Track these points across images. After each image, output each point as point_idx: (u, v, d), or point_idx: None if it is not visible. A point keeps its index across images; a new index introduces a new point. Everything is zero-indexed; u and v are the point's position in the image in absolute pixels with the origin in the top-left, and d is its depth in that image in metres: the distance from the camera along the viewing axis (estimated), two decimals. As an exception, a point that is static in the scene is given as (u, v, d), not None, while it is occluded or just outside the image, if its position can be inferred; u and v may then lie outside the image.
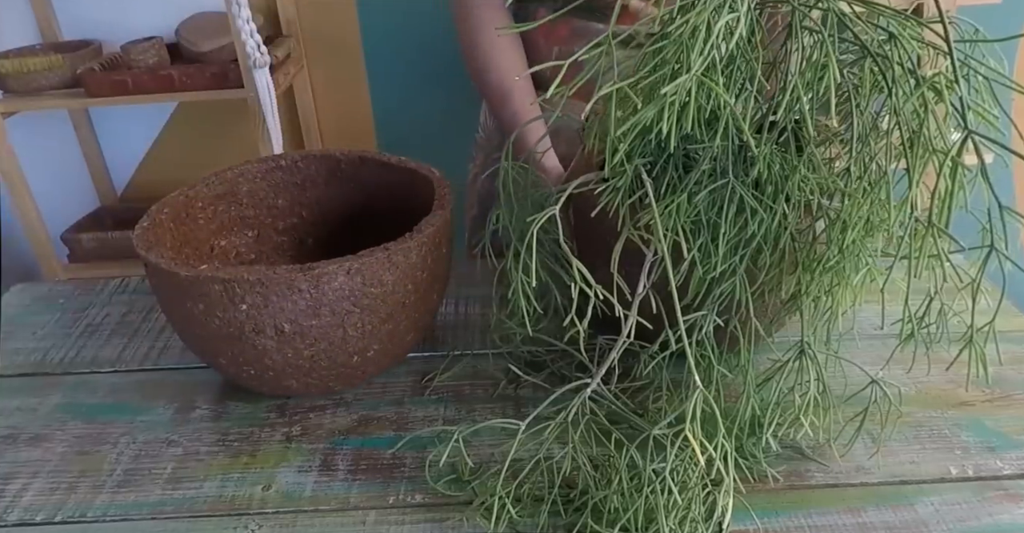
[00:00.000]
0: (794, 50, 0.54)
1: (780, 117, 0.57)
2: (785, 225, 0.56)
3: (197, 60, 1.71)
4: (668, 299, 0.54)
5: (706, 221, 0.57)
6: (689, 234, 0.56)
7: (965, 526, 0.56)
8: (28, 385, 0.75)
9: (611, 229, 0.59)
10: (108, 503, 0.60)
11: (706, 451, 0.52)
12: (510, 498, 0.56)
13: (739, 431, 0.61)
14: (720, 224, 0.55)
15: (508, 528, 0.56)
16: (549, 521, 0.56)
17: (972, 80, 0.52)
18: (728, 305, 0.59)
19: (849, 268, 0.56)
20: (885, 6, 0.52)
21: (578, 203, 0.65)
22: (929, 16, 0.53)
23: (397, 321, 0.65)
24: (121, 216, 1.95)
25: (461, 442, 0.58)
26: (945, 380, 0.71)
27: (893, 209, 0.53)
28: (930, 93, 0.51)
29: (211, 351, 0.65)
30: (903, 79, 0.51)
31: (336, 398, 0.71)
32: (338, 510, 0.59)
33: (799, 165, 0.56)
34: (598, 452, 0.61)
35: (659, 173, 0.59)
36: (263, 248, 0.82)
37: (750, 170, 0.56)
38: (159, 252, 0.64)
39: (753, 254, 0.57)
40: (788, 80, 0.53)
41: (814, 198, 0.57)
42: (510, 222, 0.67)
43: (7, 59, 1.70)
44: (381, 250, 0.61)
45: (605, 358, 0.59)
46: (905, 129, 0.51)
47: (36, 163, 1.88)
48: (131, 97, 1.68)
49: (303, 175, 0.82)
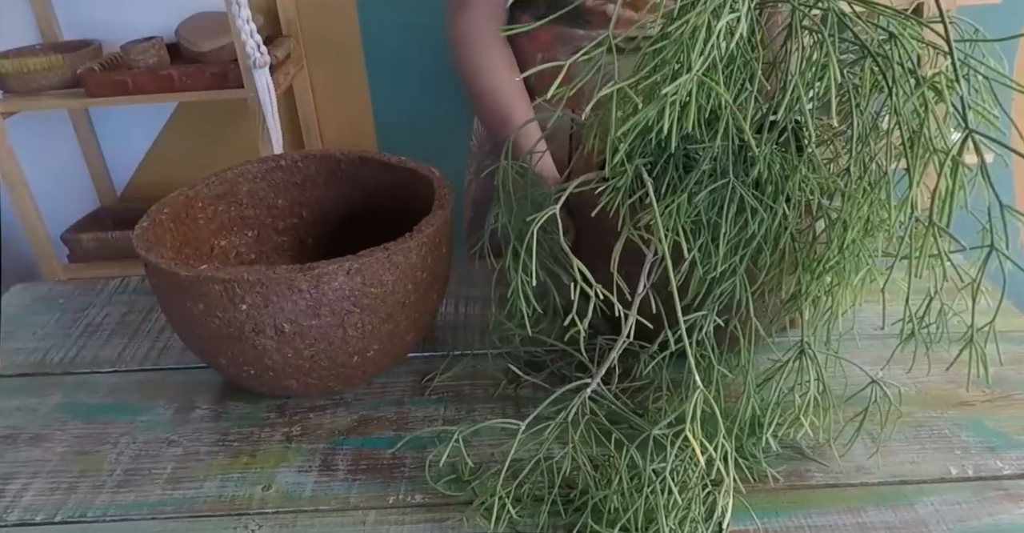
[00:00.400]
0: (794, 50, 0.54)
1: (780, 117, 0.57)
2: (785, 225, 0.56)
3: (197, 60, 1.71)
4: (668, 299, 0.54)
5: (706, 221, 0.57)
6: (689, 234, 0.56)
7: (965, 526, 0.56)
8: (28, 385, 0.75)
9: (611, 229, 0.59)
10: (108, 503, 0.60)
11: (706, 451, 0.51)
12: (510, 498, 0.56)
13: (739, 431, 0.61)
14: (720, 224, 0.55)
15: (508, 528, 0.56)
16: (549, 521, 0.56)
17: (972, 80, 0.52)
18: (728, 305, 0.59)
19: (849, 268, 0.56)
20: (885, 6, 0.52)
21: (578, 203, 0.65)
22: (929, 16, 0.53)
23: (397, 321, 0.65)
24: (121, 216, 1.95)
25: (461, 442, 0.58)
26: (945, 380, 0.71)
27: (893, 209, 0.53)
28: (930, 93, 0.51)
29: (211, 351, 0.65)
30: (903, 79, 0.51)
31: (336, 398, 0.71)
32: (338, 510, 0.59)
33: (799, 165, 0.56)
34: (598, 452, 0.61)
35: (659, 173, 0.59)
36: (263, 248, 0.82)
37: (750, 170, 0.56)
38: (159, 252, 0.64)
39: (753, 254, 0.57)
40: (788, 80, 0.53)
41: (814, 198, 0.57)
42: (509, 222, 0.67)
43: (7, 59, 1.70)
44: (381, 250, 0.61)
45: (605, 358, 0.59)
46: (905, 129, 0.51)
47: (36, 163, 1.88)
48: (131, 97, 1.68)
49: (303, 175, 0.82)
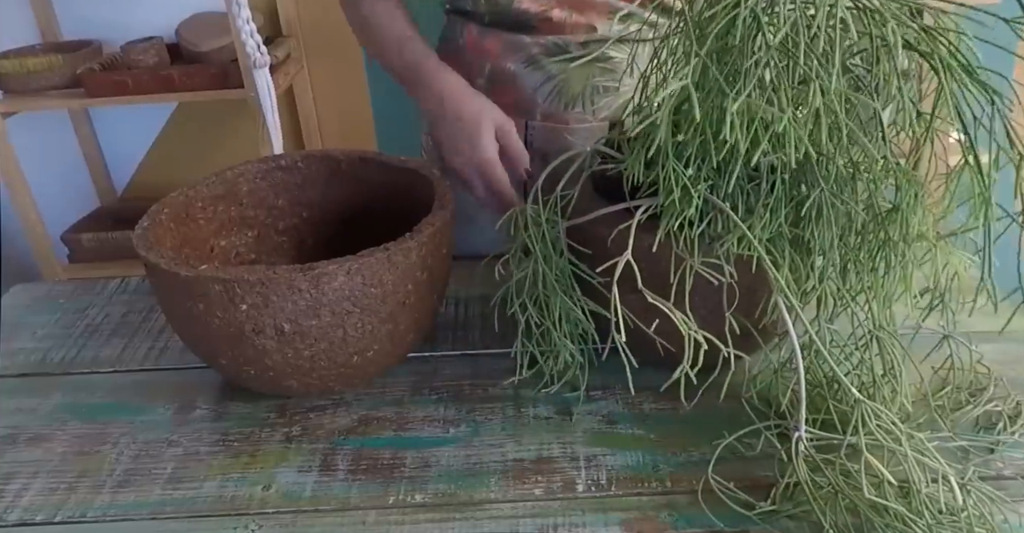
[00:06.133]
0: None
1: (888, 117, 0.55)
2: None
3: (197, 60, 1.72)
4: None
5: (786, 234, 0.56)
6: (776, 251, 0.56)
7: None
8: (28, 385, 0.75)
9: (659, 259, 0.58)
10: (108, 503, 0.60)
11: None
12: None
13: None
14: (804, 235, 0.55)
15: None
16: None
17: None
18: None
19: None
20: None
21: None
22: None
23: (397, 321, 0.65)
24: (121, 216, 1.95)
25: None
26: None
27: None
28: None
29: (211, 351, 0.65)
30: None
31: (336, 398, 0.71)
32: (338, 510, 0.59)
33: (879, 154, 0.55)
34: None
35: (724, 195, 0.57)
36: (263, 248, 0.82)
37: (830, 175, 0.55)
38: (159, 252, 0.64)
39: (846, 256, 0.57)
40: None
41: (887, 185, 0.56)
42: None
43: (7, 59, 1.70)
44: (381, 250, 0.61)
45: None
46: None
47: (36, 163, 1.88)
48: (131, 97, 1.69)
49: (303, 175, 0.82)
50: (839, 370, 0.56)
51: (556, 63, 0.88)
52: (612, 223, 0.61)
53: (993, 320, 0.57)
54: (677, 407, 0.67)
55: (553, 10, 0.86)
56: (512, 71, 0.90)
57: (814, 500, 0.53)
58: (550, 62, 0.88)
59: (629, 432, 0.65)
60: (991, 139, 0.50)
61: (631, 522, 0.56)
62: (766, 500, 0.56)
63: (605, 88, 0.89)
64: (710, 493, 0.58)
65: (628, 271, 0.56)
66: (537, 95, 0.90)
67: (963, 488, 0.51)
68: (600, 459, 0.63)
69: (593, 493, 0.59)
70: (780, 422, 0.61)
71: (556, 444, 0.64)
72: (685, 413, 0.67)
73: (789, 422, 0.59)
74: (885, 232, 0.56)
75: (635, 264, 0.56)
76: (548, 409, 0.69)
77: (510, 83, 0.91)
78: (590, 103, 0.89)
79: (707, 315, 0.60)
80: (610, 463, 0.62)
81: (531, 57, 0.88)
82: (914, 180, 0.55)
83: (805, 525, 0.55)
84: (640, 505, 0.58)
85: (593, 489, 0.60)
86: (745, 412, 0.62)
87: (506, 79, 0.91)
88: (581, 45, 0.87)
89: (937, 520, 0.50)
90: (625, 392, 0.69)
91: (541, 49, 0.88)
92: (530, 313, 0.67)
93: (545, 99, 0.90)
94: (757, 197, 0.58)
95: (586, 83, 0.89)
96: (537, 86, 0.90)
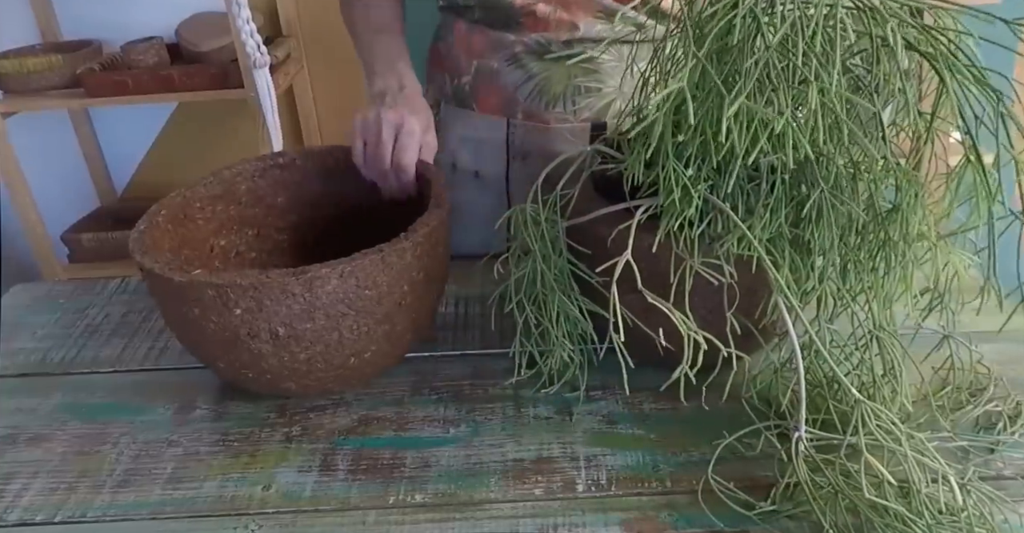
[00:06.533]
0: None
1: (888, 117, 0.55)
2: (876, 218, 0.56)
3: (197, 60, 1.71)
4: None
5: (786, 234, 0.56)
6: (776, 251, 0.56)
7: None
8: (28, 385, 0.75)
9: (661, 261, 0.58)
10: (108, 503, 0.60)
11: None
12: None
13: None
14: (804, 235, 0.55)
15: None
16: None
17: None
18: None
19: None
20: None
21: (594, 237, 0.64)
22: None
23: (394, 322, 0.65)
24: (121, 216, 1.95)
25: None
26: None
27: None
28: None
29: (208, 354, 0.65)
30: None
31: (336, 398, 0.71)
32: (338, 510, 0.59)
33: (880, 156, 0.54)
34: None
35: (724, 195, 0.57)
36: (264, 246, 0.82)
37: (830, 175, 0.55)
38: (155, 256, 0.63)
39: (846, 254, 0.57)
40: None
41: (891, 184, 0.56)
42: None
43: (7, 59, 1.70)
44: (375, 251, 0.61)
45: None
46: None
47: (36, 163, 1.88)
48: (131, 97, 1.68)
49: (302, 174, 0.82)
50: (839, 370, 0.56)
51: (538, 62, 0.88)
52: (612, 223, 0.61)
53: (993, 320, 0.57)
54: (677, 407, 0.67)
55: (538, 4, 0.86)
56: (495, 69, 0.90)
57: (814, 500, 0.53)
58: (532, 61, 0.88)
59: (629, 432, 0.66)
60: (997, 140, 0.50)
61: (631, 522, 0.56)
62: (766, 500, 0.56)
63: (587, 88, 0.89)
64: (710, 493, 0.58)
65: (628, 271, 0.56)
66: (518, 94, 0.90)
67: (963, 488, 0.51)
68: (600, 459, 0.63)
69: (593, 493, 0.59)
70: (780, 422, 0.61)
71: (556, 444, 0.64)
72: (685, 413, 0.67)
73: (789, 422, 0.59)
74: (885, 232, 0.56)
75: (635, 264, 0.56)
76: (548, 409, 0.69)
77: (493, 81, 0.91)
78: (571, 103, 0.89)
79: (707, 315, 0.60)
80: (610, 463, 0.62)
81: (514, 55, 0.89)
82: (914, 180, 0.55)
83: (805, 525, 0.55)
84: (640, 505, 0.58)
85: (593, 489, 0.60)
86: (745, 412, 0.62)
87: (490, 77, 0.91)
88: (564, 44, 0.87)
89: (937, 520, 0.50)
90: (625, 392, 0.69)
91: (524, 47, 0.88)
92: (528, 313, 0.67)
93: (526, 98, 0.90)
94: (757, 197, 0.58)
95: (567, 83, 0.89)
96: (519, 84, 0.90)
